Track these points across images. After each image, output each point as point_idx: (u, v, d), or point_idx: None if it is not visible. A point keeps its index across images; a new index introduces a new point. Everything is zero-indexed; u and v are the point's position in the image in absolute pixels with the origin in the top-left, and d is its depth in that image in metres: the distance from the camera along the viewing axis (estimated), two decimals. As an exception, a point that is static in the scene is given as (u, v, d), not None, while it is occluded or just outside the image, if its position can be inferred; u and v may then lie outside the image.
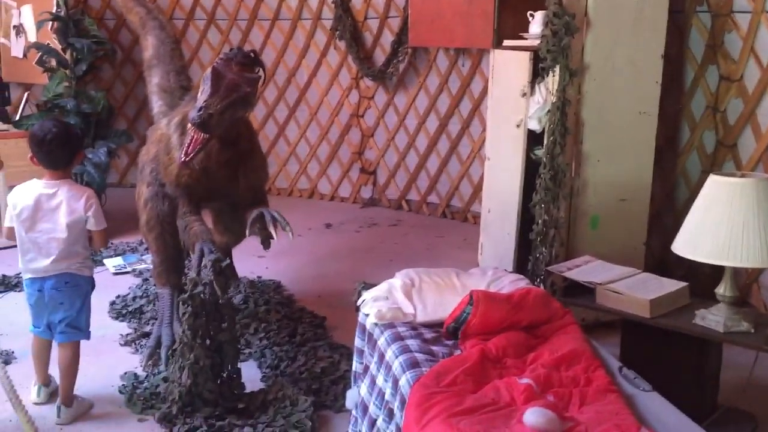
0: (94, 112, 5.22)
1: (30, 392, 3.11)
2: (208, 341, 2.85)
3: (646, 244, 3.92)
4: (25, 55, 5.76)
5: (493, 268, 3.10)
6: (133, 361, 3.48)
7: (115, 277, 4.67)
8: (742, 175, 2.69)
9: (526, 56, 3.78)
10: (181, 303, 2.78)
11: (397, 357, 2.33)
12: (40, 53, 5.28)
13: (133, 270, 4.73)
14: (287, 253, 5.00)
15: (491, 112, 4.36)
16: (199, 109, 2.66)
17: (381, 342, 2.50)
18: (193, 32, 7.00)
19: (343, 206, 6.74)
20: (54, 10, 5.24)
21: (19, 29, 5.88)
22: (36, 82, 5.75)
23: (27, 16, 5.75)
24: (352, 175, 6.83)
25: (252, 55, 2.90)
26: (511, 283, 2.83)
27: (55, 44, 5.30)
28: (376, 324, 2.61)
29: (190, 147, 2.73)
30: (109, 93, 6.83)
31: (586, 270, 3.17)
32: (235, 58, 2.82)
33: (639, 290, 2.90)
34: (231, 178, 3.13)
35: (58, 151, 2.86)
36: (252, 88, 2.81)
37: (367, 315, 2.70)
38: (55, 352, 3.06)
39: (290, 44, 6.79)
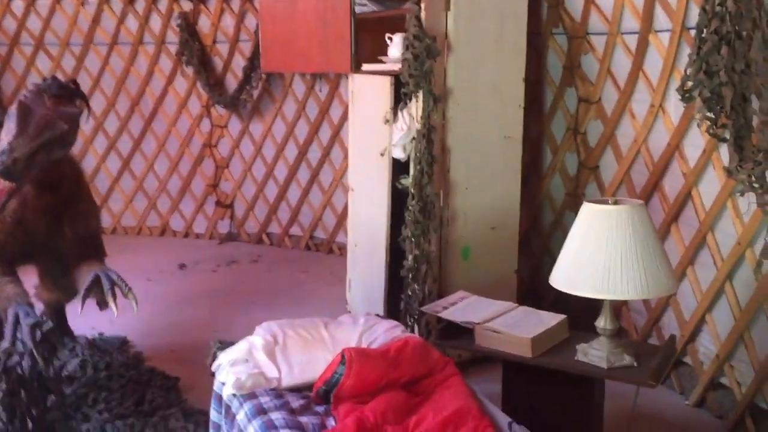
0: None
1: None
2: (30, 424, 2.36)
3: (516, 271, 3.81)
4: None
5: (365, 315, 2.82)
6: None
7: None
8: (615, 202, 2.58)
9: (387, 81, 3.59)
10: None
11: (259, 436, 1.99)
12: None
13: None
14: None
15: (352, 139, 4.12)
16: (2, 153, 2.21)
17: (240, 417, 2.15)
18: (18, 59, 6.30)
19: (199, 243, 6.26)
20: None
21: None
22: None
23: None
24: (207, 209, 6.37)
25: (71, 85, 2.47)
26: (385, 332, 2.57)
27: None
28: (234, 395, 2.24)
29: None
30: None
31: (462, 308, 2.96)
32: (49, 89, 2.38)
33: (519, 328, 2.72)
34: (53, 229, 2.67)
35: None
36: (70, 125, 2.39)
37: (224, 384, 2.32)
38: None
39: (132, 70, 6.26)
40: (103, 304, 2.65)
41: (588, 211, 2.54)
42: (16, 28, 6.22)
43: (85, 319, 3.82)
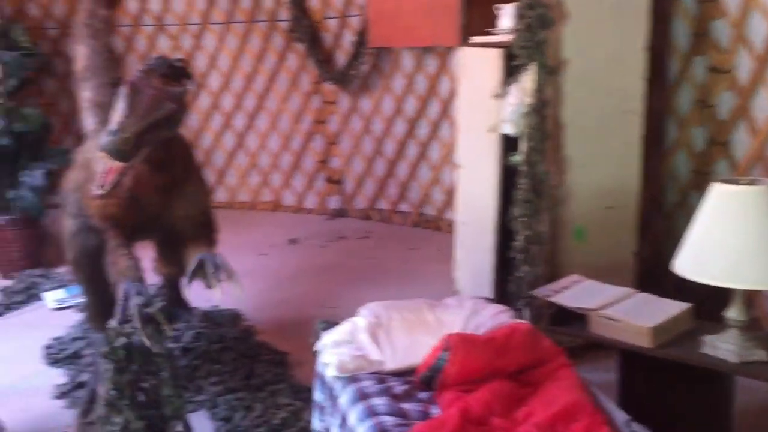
0: (29, 131, 4.75)
1: None
2: (143, 397, 2.43)
3: (636, 253, 3.58)
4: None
5: (472, 298, 2.72)
6: (67, 418, 3.05)
7: (54, 314, 4.22)
8: (750, 182, 2.34)
9: (497, 54, 3.43)
10: (102, 358, 2.36)
11: (361, 422, 1.95)
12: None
13: (77, 304, 4.27)
14: (249, 275, 4.55)
15: (461, 115, 3.99)
16: (112, 133, 2.25)
17: (343, 400, 2.12)
18: (141, 40, 6.55)
19: (309, 219, 6.34)
20: (-18, 22, 4.79)
21: (-54, 43, 5.39)
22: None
23: (-47, 29, 5.27)
24: (318, 186, 6.43)
25: (178, 64, 2.49)
26: (492, 317, 2.46)
27: (-16, 58, 4.84)
28: (337, 377, 2.22)
29: (106, 177, 2.31)
30: (52, 108, 6.37)
31: (575, 293, 2.81)
32: (158, 69, 2.41)
33: (638, 315, 2.55)
34: (165, 206, 2.72)
35: None
36: (177, 104, 2.41)
37: (327, 365, 2.30)
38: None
39: (246, 49, 6.36)
40: (210, 285, 2.69)
41: (718, 191, 2.33)
42: (138, 10, 6.47)
43: (200, 292, 3.96)
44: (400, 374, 2.26)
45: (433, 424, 1.89)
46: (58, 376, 3.41)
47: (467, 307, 2.57)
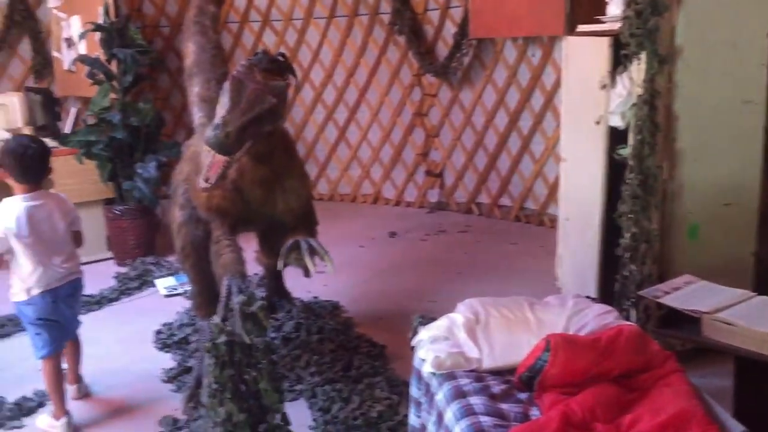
0: (143, 125, 4.98)
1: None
2: (244, 388, 2.48)
3: (755, 253, 3.35)
4: (72, 69, 5.60)
5: (574, 297, 2.62)
6: (174, 401, 3.17)
7: (165, 301, 4.41)
8: None
9: (604, 42, 3.29)
10: (205, 352, 2.42)
11: (458, 421, 1.92)
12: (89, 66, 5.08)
13: (185, 292, 4.45)
14: (348, 267, 4.64)
15: (566, 107, 3.87)
16: (216, 127, 2.30)
17: (439, 398, 2.09)
18: (248, 35, 6.74)
19: (409, 212, 6.34)
20: (102, 20, 5.03)
21: (70, 41, 5.73)
22: (87, 95, 5.57)
23: (76, 28, 5.59)
24: (418, 178, 6.42)
25: (280, 58, 2.52)
26: (596, 318, 2.36)
27: (103, 56, 5.10)
28: (433, 373, 2.19)
29: (211, 170, 2.37)
30: (166, 103, 6.67)
31: (686, 294, 2.65)
32: (260, 64, 2.45)
33: (757, 320, 2.37)
34: (268, 198, 2.77)
35: (39, 165, 2.92)
36: (279, 98, 2.44)
37: (423, 360, 2.28)
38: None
39: (348, 42, 6.43)
40: (305, 271, 2.72)
41: None
42: (245, 6, 6.65)
43: (301, 283, 4.02)
44: (498, 373, 2.21)
45: (533, 427, 1.83)
46: (167, 361, 3.56)
47: (569, 307, 2.48)
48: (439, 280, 4.59)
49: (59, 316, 2.98)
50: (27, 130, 4.99)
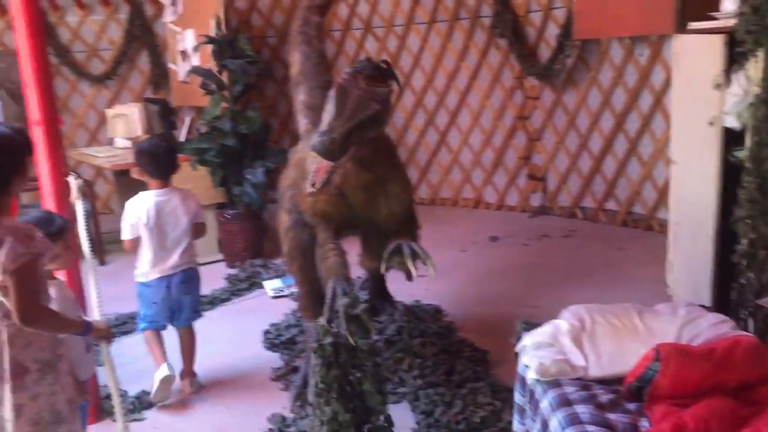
0: (251, 132, 5.17)
1: (157, 379, 3.27)
2: (349, 389, 2.54)
3: None
4: (186, 80, 5.89)
5: (687, 305, 2.53)
6: (283, 399, 3.28)
7: (272, 302, 4.56)
8: None
9: (718, 40, 3.16)
10: (311, 353, 2.50)
11: (563, 430, 1.90)
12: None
13: (291, 293, 4.59)
14: (449, 272, 4.64)
15: (676, 107, 3.72)
16: (322, 134, 2.37)
17: (544, 405, 2.07)
18: (350, 43, 6.88)
19: (510, 216, 6.28)
20: (214, 33, 5.27)
21: (185, 54, 6.04)
22: (200, 105, 5.86)
23: (190, 41, 5.88)
24: (520, 182, 6.35)
25: (383, 65, 2.56)
26: (711, 328, 2.27)
27: (215, 67, 5.34)
28: (537, 380, 2.17)
29: (317, 176, 2.44)
30: (273, 110, 6.90)
31: (811, 304, 2.51)
32: (364, 71, 2.50)
33: None
34: (371, 203, 2.82)
35: (169, 162, 3.33)
36: (382, 104, 2.48)
37: (527, 367, 2.26)
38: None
39: (448, 46, 6.44)
40: (407, 275, 2.75)
41: None
42: (348, 15, 6.79)
43: (403, 286, 4.07)
44: (605, 382, 2.16)
45: (642, 439, 1.79)
46: (275, 360, 3.69)
47: (681, 315, 2.39)
48: (541, 285, 4.53)
49: (170, 300, 3.33)
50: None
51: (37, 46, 2.87)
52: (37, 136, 2.88)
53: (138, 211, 3.25)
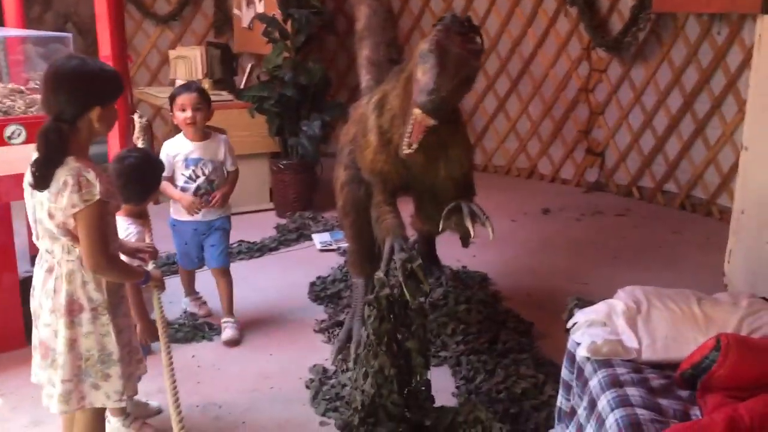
0: (311, 84, 5.15)
1: (183, 306, 3.65)
2: (395, 346, 2.55)
3: None
4: (250, 27, 5.87)
5: (749, 296, 2.44)
6: (324, 352, 3.32)
7: (319, 255, 4.59)
8: None
9: (809, 23, 2.99)
10: (366, 305, 2.50)
11: (612, 410, 1.86)
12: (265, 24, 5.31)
13: (338, 248, 4.61)
14: (498, 241, 4.51)
15: (755, 91, 3.57)
16: (430, 92, 2.30)
17: (593, 383, 2.03)
18: (416, 1, 6.75)
19: (564, 189, 6.17)
20: (281, -19, 5.22)
21: (249, 0, 6.00)
22: (263, 53, 5.84)
23: (257, -12, 5.84)
24: (577, 156, 6.22)
25: (471, 22, 2.50)
26: (773, 321, 2.19)
27: (279, 15, 5.30)
28: (588, 358, 2.14)
29: (415, 136, 2.39)
30: (332, 64, 6.85)
31: None
32: (455, 28, 2.43)
33: None
34: (431, 166, 2.78)
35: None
36: (479, 62, 2.43)
37: (578, 344, 2.23)
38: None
39: (516, 11, 6.28)
40: (464, 241, 2.71)
41: None
42: (415, -28, 6.66)
43: (451, 251, 4.04)
44: (657, 366, 2.12)
45: (695, 427, 1.74)
46: (320, 312, 3.72)
47: (743, 306, 2.31)
48: (592, 262, 4.45)
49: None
50: (206, 83, 5.30)
51: (111, -19, 2.88)
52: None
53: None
